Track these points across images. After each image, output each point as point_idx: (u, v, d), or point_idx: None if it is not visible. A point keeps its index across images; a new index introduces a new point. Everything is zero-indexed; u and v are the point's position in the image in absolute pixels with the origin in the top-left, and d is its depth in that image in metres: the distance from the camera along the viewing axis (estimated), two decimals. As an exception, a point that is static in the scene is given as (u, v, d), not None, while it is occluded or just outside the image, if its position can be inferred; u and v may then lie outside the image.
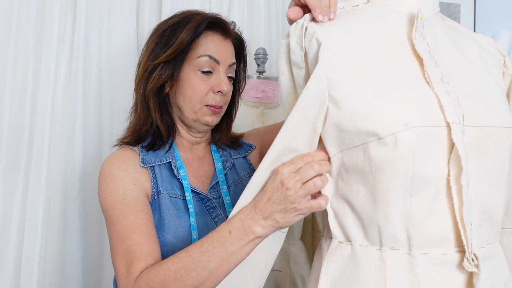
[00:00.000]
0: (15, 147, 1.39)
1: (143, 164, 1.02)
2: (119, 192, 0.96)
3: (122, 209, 0.94)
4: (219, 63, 1.06)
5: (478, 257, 0.74)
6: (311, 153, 0.80)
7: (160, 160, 1.05)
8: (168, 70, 1.04)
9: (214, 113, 1.06)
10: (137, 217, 0.93)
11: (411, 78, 0.78)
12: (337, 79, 0.78)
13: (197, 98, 1.05)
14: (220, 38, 1.08)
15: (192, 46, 1.04)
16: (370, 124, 0.75)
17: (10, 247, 1.38)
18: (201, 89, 1.05)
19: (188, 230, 0.99)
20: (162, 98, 1.07)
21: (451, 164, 0.74)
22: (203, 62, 1.04)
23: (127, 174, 0.99)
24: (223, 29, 1.08)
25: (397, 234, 0.76)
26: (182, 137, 1.11)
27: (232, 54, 1.10)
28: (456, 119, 0.75)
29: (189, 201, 1.02)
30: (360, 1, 0.88)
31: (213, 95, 1.05)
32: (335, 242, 0.83)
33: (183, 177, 1.04)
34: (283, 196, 0.79)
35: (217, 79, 1.06)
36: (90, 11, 1.46)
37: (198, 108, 1.05)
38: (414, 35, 0.80)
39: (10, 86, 1.38)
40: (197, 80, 1.05)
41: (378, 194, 0.76)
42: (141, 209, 0.95)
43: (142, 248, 0.89)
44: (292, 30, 0.84)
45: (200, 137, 1.12)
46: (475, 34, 0.97)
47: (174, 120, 1.10)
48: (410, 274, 0.76)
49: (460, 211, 0.74)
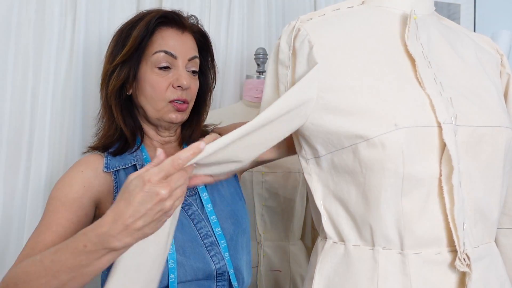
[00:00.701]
0: (15, 147, 1.39)
1: (106, 169, 1.00)
2: (63, 190, 0.95)
3: (56, 206, 0.93)
4: (176, 57, 1.03)
5: (470, 257, 0.75)
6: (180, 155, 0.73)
7: (125, 164, 1.02)
8: (126, 70, 1.02)
9: (178, 109, 1.03)
10: (63, 216, 0.91)
11: (403, 78, 0.78)
12: (328, 81, 0.78)
13: (158, 95, 1.02)
14: (176, 32, 1.05)
15: (147, 43, 1.02)
16: (360, 125, 0.75)
17: (10, 247, 1.38)
18: (160, 86, 1.02)
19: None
20: (123, 100, 1.05)
21: (442, 164, 0.75)
22: (159, 58, 1.02)
23: (82, 175, 0.98)
24: (178, 23, 1.05)
25: (389, 234, 0.77)
26: (151, 138, 1.09)
27: (192, 48, 1.07)
28: (448, 119, 0.75)
29: None
30: (355, 3, 0.89)
31: (174, 90, 1.03)
32: (330, 242, 0.83)
33: None
34: (158, 207, 0.70)
35: (176, 74, 1.03)
36: (90, 11, 1.46)
37: (161, 106, 1.03)
38: (407, 36, 0.81)
39: (10, 86, 1.39)
40: (155, 77, 1.02)
41: (369, 194, 0.77)
42: (75, 210, 0.92)
43: (45, 248, 0.85)
44: (284, 30, 0.85)
45: (169, 135, 1.10)
46: (472, 33, 0.97)
47: (140, 122, 1.08)
48: (402, 274, 0.76)
49: (451, 210, 0.75)
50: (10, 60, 1.38)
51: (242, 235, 1.06)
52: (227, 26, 1.63)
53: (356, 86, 0.77)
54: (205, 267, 0.97)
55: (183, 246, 0.97)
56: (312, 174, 0.85)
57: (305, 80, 0.79)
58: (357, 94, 0.77)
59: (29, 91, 1.40)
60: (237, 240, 1.04)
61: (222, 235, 1.01)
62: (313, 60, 0.79)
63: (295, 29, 0.82)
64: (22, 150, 1.40)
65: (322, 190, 0.84)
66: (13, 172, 1.39)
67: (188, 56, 1.05)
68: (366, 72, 0.78)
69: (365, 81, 0.77)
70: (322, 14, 0.86)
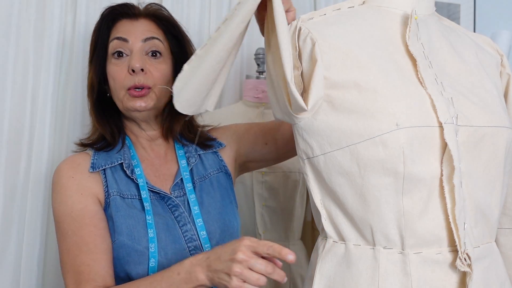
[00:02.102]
0: (15, 147, 1.39)
1: (92, 169, 0.99)
2: (67, 204, 0.96)
3: (70, 223, 0.94)
4: (128, 40, 1.02)
5: (471, 257, 0.75)
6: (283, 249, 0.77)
7: (112, 162, 1.01)
8: (92, 71, 1.04)
9: (137, 96, 1.00)
10: (85, 233, 0.93)
11: (404, 78, 0.78)
12: (332, 77, 0.78)
13: (117, 85, 1.01)
14: (129, 21, 1.05)
15: (105, 41, 1.03)
16: (361, 123, 0.75)
17: (10, 247, 1.38)
18: (118, 75, 1.01)
19: (144, 230, 0.96)
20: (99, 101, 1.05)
21: (444, 164, 0.75)
22: (113, 47, 1.02)
23: (74, 182, 0.97)
24: (128, 13, 1.05)
25: (390, 233, 0.77)
26: (137, 135, 1.08)
27: (147, 30, 1.04)
28: (449, 119, 0.75)
29: (144, 199, 0.99)
30: (355, 2, 0.88)
31: (130, 76, 1.00)
32: (330, 241, 0.84)
33: (138, 176, 1.01)
34: (228, 263, 0.77)
35: (130, 59, 1.01)
36: (90, 11, 1.46)
37: (122, 95, 1.01)
38: (408, 36, 0.81)
39: (10, 86, 1.38)
40: (113, 67, 1.02)
41: (368, 194, 0.77)
42: (88, 222, 0.94)
43: (90, 269, 0.90)
44: None
45: (152, 130, 1.08)
46: (472, 33, 0.97)
47: (122, 121, 1.08)
48: (403, 273, 0.76)
49: (452, 210, 0.75)
50: (10, 60, 1.38)
51: (229, 239, 1.02)
52: (227, 26, 1.63)
53: (358, 84, 0.77)
54: None
55: (165, 248, 0.96)
56: (309, 174, 0.85)
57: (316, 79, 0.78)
58: (360, 93, 0.77)
59: (29, 91, 1.40)
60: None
61: (207, 239, 1.00)
62: (315, 57, 0.79)
63: (297, 28, 0.82)
64: (22, 150, 1.40)
65: (320, 190, 0.84)
66: (13, 172, 1.39)
67: (142, 37, 1.03)
68: (367, 71, 0.78)
69: (367, 80, 0.77)
70: (323, 13, 0.86)
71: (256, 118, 1.46)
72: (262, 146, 1.15)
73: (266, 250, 0.76)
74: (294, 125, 0.84)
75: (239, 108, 1.50)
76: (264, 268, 0.76)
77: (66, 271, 0.93)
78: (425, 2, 0.86)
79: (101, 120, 1.05)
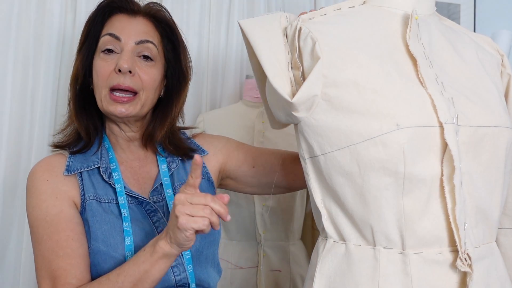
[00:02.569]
0: (15, 147, 1.39)
1: (67, 172, 0.95)
2: (42, 208, 0.92)
3: (45, 228, 0.91)
4: (120, 39, 0.96)
5: (472, 257, 0.74)
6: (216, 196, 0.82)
7: (88, 166, 0.97)
8: (79, 61, 0.99)
9: (118, 101, 0.94)
10: (61, 238, 0.90)
11: (405, 78, 0.78)
12: (332, 76, 0.78)
13: (100, 82, 0.95)
14: (125, 16, 0.99)
15: (97, 33, 0.98)
16: (361, 124, 0.75)
17: (10, 247, 1.38)
18: (103, 71, 0.95)
19: (121, 237, 0.93)
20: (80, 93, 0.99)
21: (444, 164, 0.75)
22: (104, 43, 0.96)
23: (49, 186, 0.93)
24: (127, 8, 1.00)
25: (390, 233, 0.76)
26: (117, 135, 1.02)
27: (143, 32, 0.99)
28: (450, 119, 0.75)
29: (122, 205, 0.95)
30: (356, 2, 0.88)
31: (116, 76, 0.94)
32: (330, 241, 0.83)
33: (116, 181, 0.97)
34: (173, 212, 0.81)
35: (119, 58, 0.95)
36: (90, 11, 1.46)
37: (103, 95, 0.95)
38: (409, 36, 0.81)
39: (10, 86, 1.39)
40: (99, 62, 0.96)
41: (369, 194, 0.77)
42: (64, 227, 0.91)
43: (66, 273, 0.88)
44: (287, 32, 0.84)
45: (130, 131, 1.02)
46: (472, 33, 0.97)
47: (102, 119, 1.02)
48: (403, 274, 0.76)
49: (453, 210, 0.74)
50: (10, 60, 1.38)
51: (209, 247, 1.01)
52: (227, 26, 1.63)
53: (358, 84, 0.77)
54: (165, 279, 0.93)
55: None
56: (310, 173, 0.85)
57: (312, 76, 0.78)
58: (359, 92, 0.76)
59: (29, 91, 1.40)
60: (202, 252, 0.99)
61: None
62: (316, 55, 0.79)
63: (297, 28, 0.82)
64: (22, 150, 1.40)
65: (320, 190, 0.84)
66: (13, 172, 1.39)
67: (136, 39, 0.97)
68: (368, 71, 0.78)
69: (367, 80, 0.77)
70: (324, 13, 0.86)
71: (256, 118, 1.46)
72: (249, 168, 1.11)
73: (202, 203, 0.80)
74: (295, 125, 0.85)
75: (239, 108, 1.50)
76: (202, 213, 0.79)
77: (41, 277, 0.90)
78: (426, 2, 0.86)
79: (80, 114, 0.99)
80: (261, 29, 0.84)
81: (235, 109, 1.50)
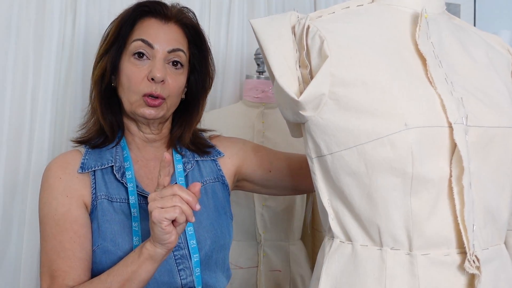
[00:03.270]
0: (15, 147, 1.39)
1: (81, 170, 0.97)
2: (52, 205, 0.95)
3: (52, 226, 0.94)
4: (154, 47, 0.98)
5: (480, 259, 0.74)
6: (181, 190, 0.83)
7: (102, 164, 0.99)
8: (106, 61, 1.00)
9: (149, 105, 0.97)
10: (64, 238, 0.92)
11: (414, 78, 0.77)
12: (340, 75, 0.78)
13: (132, 87, 0.97)
14: (158, 22, 1.01)
15: (128, 33, 0.99)
16: (369, 123, 0.75)
17: (10, 247, 1.38)
18: (134, 76, 0.97)
19: (129, 236, 0.95)
20: (103, 91, 1.01)
21: (453, 164, 0.74)
22: (135, 47, 0.98)
23: (61, 183, 0.96)
24: (160, 13, 1.01)
25: (398, 234, 0.76)
26: (134, 135, 1.04)
27: (175, 39, 1.01)
28: (459, 119, 0.74)
29: (132, 205, 0.97)
30: (365, 1, 0.88)
31: (148, 83, 0.97)
32: (337, 242, 0.83)
33: (129, 180, 0.98)
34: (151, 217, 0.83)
35: (151, 65, 0.97)
36: (90, 11, 1.46)
37: (134, 99, 0.98)
38: (418, 35, 0.80)
39: (10, 86, 1.38)
40: (131, 67, 0.98)
41: (376, 195, 0.76)
42: (69, 227, 0.93)
43: (65, 275, 0.91)
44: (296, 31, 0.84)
45: (151, 133, 1.04)
46: (483, 32, 0.95)
47: (122, 116, 1.04)
48: (410, 275, 0.75)
49: (461, 212, 0.74)
50: (10, 60, 1.38)
51: (220, 251, 1.02)
52: (227, 26, 1.63)
53: (366, 83, 0.76)
54: (171, 281, 0.94)
55: None
56: (317, 173, 0.84)
57: (319, 75, 0.78)
58: (368, 92, 0.76)
59: (29, 91, 1.40)
60: (212, 256, 1.00)
61: (197, 248, 0.97)
62: (324, 54, 0.78)
63: (305, 27, 0.82)
64: (22, 150, 1.40)
65: (327, 190, 0.83)
66: (13, 172, 1.39)
67: (168, 48, 0.99)
68: (376, 70, 0.77)
69: (376, 79, 0.76)
70: (332, 12, 0.85)
71: (256, 118, 1.46)
72: (265, 172, 1.12)
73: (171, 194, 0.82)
74: (303, 124, 0.84)
75: (239, 108, 1.50)
76: (170, 191, 0.82)
77: (43, 273, 0.93)
78: (436, 0, 0.85)
79: (105, 111, 1.02)
80: (270, 28, 0.84)
81: (235, 109, 1.49)
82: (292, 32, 0.84)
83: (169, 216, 0.81)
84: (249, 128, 1.45)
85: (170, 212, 0.81)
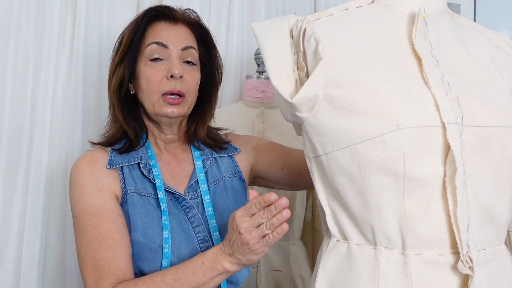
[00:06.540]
0: (15, 147, 1.39)
1: (110, 166, 1.00)
2: (86, 200, 0.97)
3: (89, 219, 0.95)
4: (168, 47, 1.03)
5: (473, 260, 0.74)
6: (264, 197, 0.80)
7: (129, 161, 1.02)
8: (123, 68, 1.03)
9: (171, 103, 1.02)
10: (104, 229, 0.94)
11: (408, 78, 0.77)
12: (334, 76, 0.78)
13: (152, 88, 1.02)
14: (168, 25, 1.06)
15: (141, 40, 1.03)
16: (362, 123, 0.75)
17: (10, 247, 1.38)
18: (154, 78, 1.02)
19: (159, 229, 0.97)
20: (123, 98, 1.05)
21: (447, 164, 0.74)
22: (151, 50, 1.02)
23: (93, 179, 0.98)
24: (169, 16, 1.06)
25: (391, 233, 0.76)
26: (156, 136, 1.09)
27: (186, 38, 1.06)
28: (453, 119, 0.74)
29: (161, 199, 1.00)
30: (364, 2, 0.88)
31: (168, 81, 1.01)
32: (334, 240, 0.84)
33: (156, 176, 1.02)
34: (239, 239, 0.83)
35: (169, 64, 1.02)
36: (90, 11, 1.46)
37: (155, 100, 1.02)
38: (414, 35, 0.80)
39: (10, 86, 1.39)
40: (149, 70, 1.02)
41: (369, 194, 0.76)
42: (107, 219, 0.95)
43: (110, 264, 0.92)
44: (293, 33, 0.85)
45: (172, 133, 1.09)
46: (487, 30, 0.94)
47: (143, 120, 1.08)
48: (403, 274, 0.76)
49: (454, 212, 0.74)
50: (10, 60, 1.38)
51: None
52: (227, 26, 1.63)
53: (359, 84, 0.77)
54: None
55: (178, 247, 0.97)
56: (315, 172, 0.85)
57: (313, 76, 0.78)
58: (361, 93, 0.76)
59: (29, 91, 1.40)
60: None
61: (220, 240, 1.00)
62: (319, 56, 0.79)
63: (302, 30, 0.82)
64: (22, 150, 1.40)
65: (324, 189, 0.84)
66: (13, 172, 1.39)
67: (181, 46, 1.04)
68: (371, 71, 0.77)
69: (369, 80, 0.77)
70: (330, 14, 0.86)
71: (256, 118, 1.46)
72: (278, 169, 1.15)
73: (256, 208, 0.81)
74: (300, 125, 0.85)
75: (239, 108, 1.50)
76: (266, 216, 0.80)
77: (84, 266, 0.94)
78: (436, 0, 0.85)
79: (128, 118, 1.05)
80: (268, 31, 0.85)
81: (235, 109, 1.50)
82: (290, 35, 0.85)
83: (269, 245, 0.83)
84: (249, 128, 1.45)
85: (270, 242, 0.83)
